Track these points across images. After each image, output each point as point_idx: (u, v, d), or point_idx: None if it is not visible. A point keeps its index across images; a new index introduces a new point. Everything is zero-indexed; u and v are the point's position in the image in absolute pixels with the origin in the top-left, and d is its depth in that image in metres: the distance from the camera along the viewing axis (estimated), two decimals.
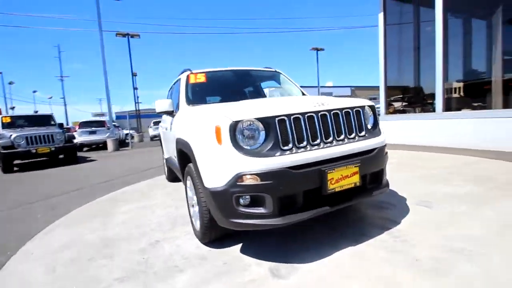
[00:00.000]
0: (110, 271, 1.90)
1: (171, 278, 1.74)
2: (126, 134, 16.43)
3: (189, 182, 2.29)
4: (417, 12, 6.69)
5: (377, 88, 6.96)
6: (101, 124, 13.46)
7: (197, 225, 2.16)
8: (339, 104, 1.95)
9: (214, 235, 2.04)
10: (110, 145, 12.06)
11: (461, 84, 5.45)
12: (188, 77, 2.91)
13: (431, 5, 5.29)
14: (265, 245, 2.03)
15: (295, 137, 1.74)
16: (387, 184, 2.16)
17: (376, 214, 2.41)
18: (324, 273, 1.63)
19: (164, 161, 4.48)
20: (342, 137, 1.91)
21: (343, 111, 1.94)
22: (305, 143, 1.77)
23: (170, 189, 4.06)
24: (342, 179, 1.76)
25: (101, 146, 13.07)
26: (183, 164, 2.43)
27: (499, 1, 4.95)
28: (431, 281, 1.47)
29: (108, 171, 6.59)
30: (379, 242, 1.92)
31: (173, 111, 2.84)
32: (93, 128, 12.90)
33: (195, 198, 2.13)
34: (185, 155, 2.31)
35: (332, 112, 1.88)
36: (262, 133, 1.72)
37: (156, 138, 19.79)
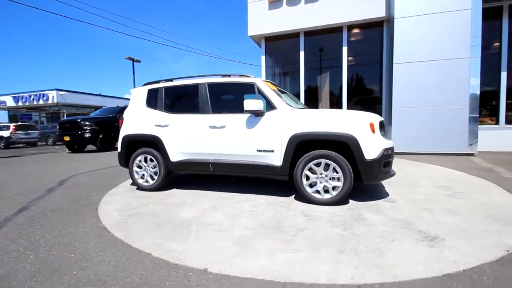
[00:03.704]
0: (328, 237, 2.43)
1: (365, 220, 2.69)
2: None
3: (323, 163, 3.08)
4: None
5: None
6: None
7: (330, 194, 3.08)
8: None
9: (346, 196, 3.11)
10: None
11: None
12: (266, 83, 3.41)
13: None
14: (357, 197, 3.40)
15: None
16: None
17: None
18: (409, 198, 3.39)
19: (161, 166, 3.81)
20: None
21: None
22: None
23: (187, 193, 3.71)
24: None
25: None
26: (299, 154, 3.17)
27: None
28: (451, 200, 3.72)
29: None
30: (401, 190, 3.97)
31: (262, 111, 3.24)
32: None
33: (333, 173, 3.05)
34: (311, 145, 3.12)
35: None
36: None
37: None
